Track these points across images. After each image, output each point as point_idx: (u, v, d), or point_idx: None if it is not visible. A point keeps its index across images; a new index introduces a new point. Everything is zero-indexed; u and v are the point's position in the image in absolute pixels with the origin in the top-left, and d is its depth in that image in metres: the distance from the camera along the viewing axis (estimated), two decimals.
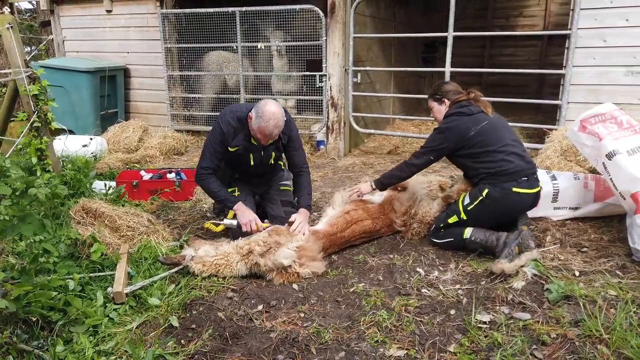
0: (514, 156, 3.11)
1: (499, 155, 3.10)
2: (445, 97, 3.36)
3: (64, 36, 7.56)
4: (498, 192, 3.10)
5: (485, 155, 3.13)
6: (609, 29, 4.69)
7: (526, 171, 3.11)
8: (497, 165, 3.09)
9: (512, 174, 3.08)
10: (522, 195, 3.12)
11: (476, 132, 3.13)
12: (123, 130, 6.58)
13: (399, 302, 2.67)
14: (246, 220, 3.26)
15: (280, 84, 6.91)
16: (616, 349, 2.13)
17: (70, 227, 3.45)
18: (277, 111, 3.15)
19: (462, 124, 3.17)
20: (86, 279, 2.84)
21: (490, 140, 3.12)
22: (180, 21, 6.76)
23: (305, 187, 3.58)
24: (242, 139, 3.36)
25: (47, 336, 2.38)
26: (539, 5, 9.95)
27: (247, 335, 2.44)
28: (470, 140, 3.14)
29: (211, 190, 3.42)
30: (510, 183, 3.09)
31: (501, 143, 3.12)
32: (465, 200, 3.26)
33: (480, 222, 3.22)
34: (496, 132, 3.16)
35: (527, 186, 3.12)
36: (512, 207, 3.18)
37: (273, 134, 3.19)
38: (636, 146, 3.20)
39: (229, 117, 3.35)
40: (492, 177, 3.12)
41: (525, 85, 10.02)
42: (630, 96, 4.72)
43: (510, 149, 3.12)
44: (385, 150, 6.45)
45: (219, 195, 3.41)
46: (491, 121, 3.19)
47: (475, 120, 3.16)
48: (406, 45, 8.63)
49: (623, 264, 2.94)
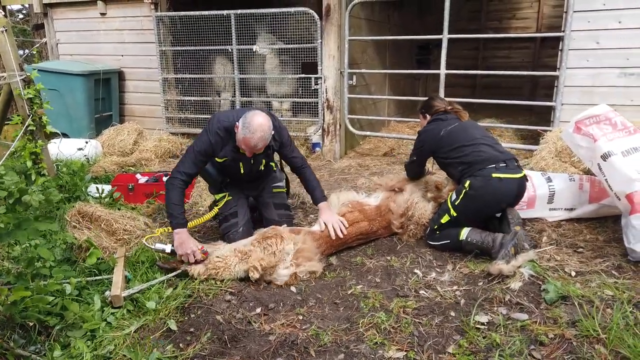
0: (485, 147, 3.30)
1: (469, 148, 3.31)
2: (427, 112, 3.75)
3: (57, 39, 7.52)
4: (479, 180, 3.19)
5: (458, 151, 3.35)
6: (602, 31, 4.73)
7: (500, 157, 3.24)
8: (470, 157, 3.28)
9: (485, 160, 3.24)
10: (503, 181, 3.17)
11: (446, 133, 3.43)
12: (118, 133, 6.55)
13: (397, 303, 2.67)
14: (183, 252, 3.01)
15: (274, 86, 6.91)
16: (613, 348, 2.15)
17: (66, 231, 3.44)
18: (264, 123, 3.07)
19: (435, 128, 3.52)
20: (83, 283, 2.82)
21: (459, 138, 3.39)
22: (175, 24, 6.75)
23: (313, 181, 3.52)
24: (230, 150, 3.28)
25: (45, 341, 2.36)
26: (531, 8, 10.02)
27: (245, 338, 2.44)
28: (441, 140, 3.43)
29: (169, 200, 3.15)
30: (488, 169, 3.20)
31: (470, 138, 3.36)
32: (452, 197, 3.34)
33: (470, 215, 3.26)
34: (465, 131, 3.43)
35: (507, 171, 3.19)
36: (496, 193, 3.20)
37: (258, 146, 3.11)
38: (631, 147, 3.23)
39: (216, 127, 3.24)
40: (470, 167, 3.27)
41: (519, 87, 10.08)
42: (623, 97, 4.76)
43: (479, 141, 3.33)
44: (381, 152, 6.46)
45: (173, 209, 3.12)
46: (461, 124, 3.49)
47: (447, 124, 3.49)
48: (401, 48, 8.67)
49: (619, 264, 2.96)
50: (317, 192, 3.50)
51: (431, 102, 3.76)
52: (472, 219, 3.28)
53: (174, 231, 3.08)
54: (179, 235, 3.06)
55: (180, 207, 3.16)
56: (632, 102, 4.74)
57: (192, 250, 3.01)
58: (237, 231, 3.44)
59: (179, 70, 6.98)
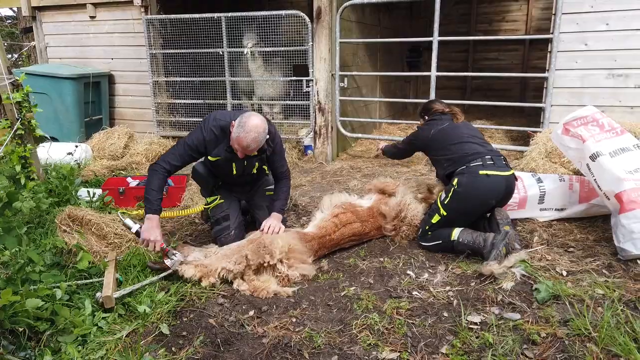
0: (470, 144, 3.42)
1: (456, 146, 3.44)
2: (425, 114, 3.90)
3: (46, 42, 7.46)
4: (466, 177, 3.25)
5: (446, 149, 3.49)
6: (590, 33, 4.79)
7: (485, 153, 3.32)
8: (456, 153, 3.40)
9: (471, 155, 3.33)
10: (491, 178, 3.21)
11: (436, 131, 3.59)
12: (108, 137, 6.51)
13: (391, 304, 2.68)
14: (146, 236, 3.05)
15: (265, 89, 6.90)
16: (604, 346, 2.17)
17: (56, 235, 3.40)
18: (259, 125, 3.07)
19: (428, 128, 3.70)
20: (73, 287, 2.79)
21: (447, 137, 3.52)
22: (166, 27, 6.72)
23: (282, 193, 3.51)
24: (223, 149, 3.27)
25: (35, 347, 2.33)
26: (520, 11, 10.11)
27: (238, 342, 2.43)
28: (432, 139, 3.61)
29: (149, 186, 3.17)
30: (474, 166, 3.26)
31: (457, 136, 3.49)
32: (442, 196, 3.38)
33: (460, 214, 3.29)
34: (454, 130, 3.56)
35: (495, 169, 3.24)
36: (485, 191, 3.23)
37: (250, 147, 3.09)
38: (618, 148, 3.27)
39: (212, 125, 3.25)
40: (456, 164, 3.37)
41: (508, 89, 10.16)
42: (612, 98, 4.82)
43: (465, 139, 3.45)
44: (373, 154, 6.46)
45: (151, 194, 3.14)
46: (452, 124, 3.62)
47: (439, 124, 3.64)
48: (392, 50, 8.71)
49: (609, 263, 2.99)
50: (279, 202, 3.47)
51: (430, 105, 3.92)
52: (462, 218, 3.30)
53: (146, 216, 3.13)
54: (149, 221, 3.11)
55: (158, 194, 3.19)
56: (620, 103, 4.80)
57: (155, 239, 3.05)
58: (228, 234, 3.43)
59: (169, 73, 6.95)
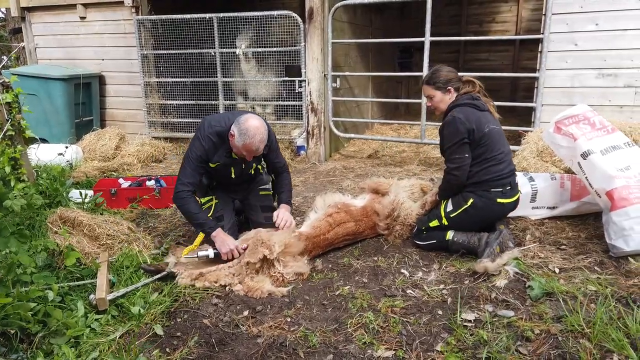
0: (506, 163, 3.16)
1: (493, 161, 3.12)
2: (450, 85, 3.23)
3: (36, 43, 7.39)
4: (483, 202, 3.17)
5: (485, 162, 3.12)
6: (580, 33, 4.84)
7: (509, 176, 3.17)
8: (490, 172, 3.12)
9: (498, 180, 3.12)
10: (505, 205, 3.21)
11: (489, 130, 3.09)
12: (99, 138, 6.46)
13: (385, 303, 2.68)
14: (226, 250, 3.08)
15: (255, 89, 6.89)
16: (598, 342, 2.18)
17: (47, 237, 3.36)
18: (260, 125, 3.11)
19: (482, 116, 3.12)
20: (65, 289, 2.76)
21: (493, 145, 3.11)
22: (157, 27, 6.68)
23: (285, 185, 3.56)
24: (222, 155, 3.29)
25: (27, 349, 2.30)
26: (510, 12, 10.19)
27: (233, 342, 2.42)
28: (482, 137, 3.08)
29: (190, 212, 3.19)
30: (495, 193, 3.15)
31: (500, 149, 3.14)
32: (447, 206, 3.30)
33: (461, 227, 3.26)
34: (500, 137, 3.18)
35: (511, 195, 3.20)
36: (494, 215, 3.28)
37: (259, 149, 3.16)
38: (609, 146, 3.31)
39: (208, 132, 3.23)
40: (480, 184, 3.16)
41: (499, 89, 10.22)
42: (602, 98, 4.87)
43: (504, 158, 3.16)
44: (366, 154, 6.50)
45: (198, 217, 3.18)
46: (497, 125, 3.20)
47: (487, 119, 3.13)
48: (383, 51, 8.74)
49: (601, 260, 3.01)
50: (285, 195, 3.52)
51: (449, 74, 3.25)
52: (462, 229, 3.27)
53: (212, 234, 3.15)
54: (217, 237, 3.13)
55: (202, 212, 3.25)
56: (610, 102, 4.85)
57: (235, 245, 3.09)
58: None
59: (161, 74, 6.91)
